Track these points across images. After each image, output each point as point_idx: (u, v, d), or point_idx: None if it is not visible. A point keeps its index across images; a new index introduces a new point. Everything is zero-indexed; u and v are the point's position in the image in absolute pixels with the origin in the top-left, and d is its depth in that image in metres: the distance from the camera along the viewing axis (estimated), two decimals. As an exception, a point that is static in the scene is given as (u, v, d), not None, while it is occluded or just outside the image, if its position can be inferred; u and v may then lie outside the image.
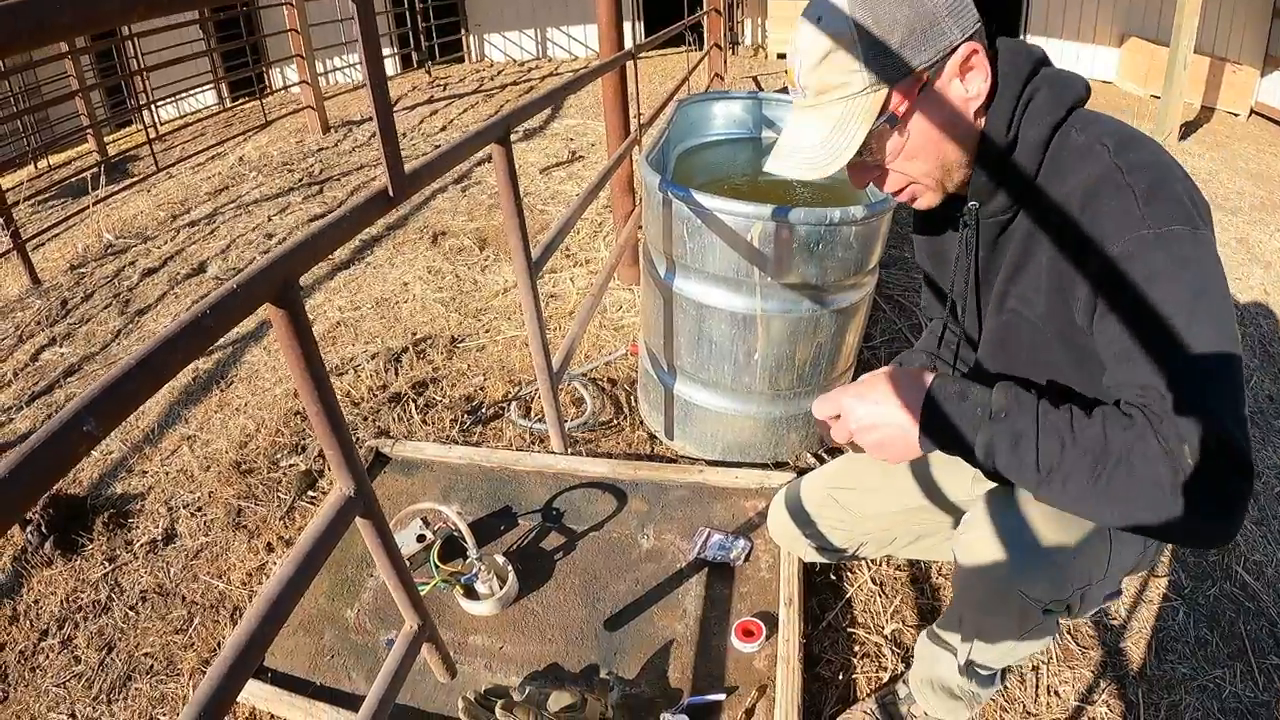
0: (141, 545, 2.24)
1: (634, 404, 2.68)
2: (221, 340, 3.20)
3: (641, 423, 2.59)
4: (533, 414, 2.68)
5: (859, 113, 1.04)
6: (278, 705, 1.70)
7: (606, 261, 2.62)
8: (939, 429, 1.03)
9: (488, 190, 4.64)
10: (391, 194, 1.08)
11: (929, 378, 1.07)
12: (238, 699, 1.72)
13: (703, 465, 2.29)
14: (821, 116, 1.07)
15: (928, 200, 1.19)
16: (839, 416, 1.15)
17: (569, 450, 2.35)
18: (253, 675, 1.73)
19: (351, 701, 1.62)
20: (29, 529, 2.23)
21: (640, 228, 2.37)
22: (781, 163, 1.13)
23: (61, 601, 2.07)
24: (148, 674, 1.88)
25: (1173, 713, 1.66)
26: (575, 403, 2.71)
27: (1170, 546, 1.57)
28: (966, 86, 1.05)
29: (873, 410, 1.09)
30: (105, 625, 2.00)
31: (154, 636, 1.96)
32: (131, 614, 2.03)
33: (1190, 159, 4.56)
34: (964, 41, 1.02)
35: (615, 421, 2.62)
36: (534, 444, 2.54)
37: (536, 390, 2.74)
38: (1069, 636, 1.83)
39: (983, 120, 1.09)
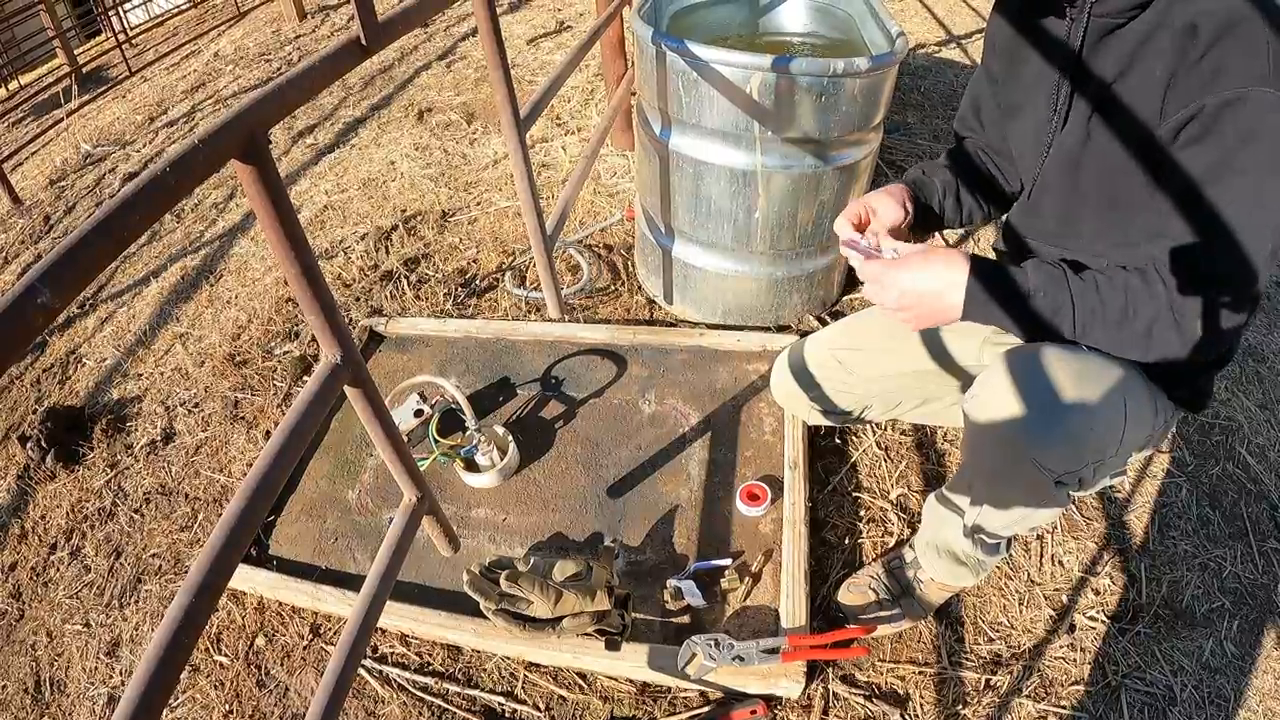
0: (141, 448, 2.21)
1: (631, 269, 2.58)
2: (207, 235, 3.13)
3: (640, 288, 2.50)
4: (528, 283, 2.59)
5: None
6: (284, 592, 1.69)
7: (599, 126, 2.47)
8: (980, 307, 1.10)
9: (473, 64, 4.43)
10: (365, 42, 0.98)
11: (967, 257, 1.11)
12: (245, 590, 1.73)
13: (703, 329, 2.21)
14: None
15: None
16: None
17: (566, 317, 2.27)
18: (258, 564, 1.73)
19: (356, 583, 1.60)
20: (29, 445, 2.20)
21: (634, 92, 2.23)
22: None
23: (67, 513, 2.06)
24: (156, 574, 1.87)
25: (1174, 589, 1.65)
26: (571, 269, 2.61)
27: (1176, 427, 1.75)
28: None
29: (918, 284, 1.12)
30: (112, 531, 1.99)
31: (160, 537, 1.95)
32: (136, 517, 2.01)
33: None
34: None
35: (613, 287, 2.53)
36: (530, 313, 2.46)
37: (531, 259, 2.65)
38: (1073, 507, 1.80)
39: None
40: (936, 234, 1.52)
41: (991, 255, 1.37)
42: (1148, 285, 1.02)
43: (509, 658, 1.59)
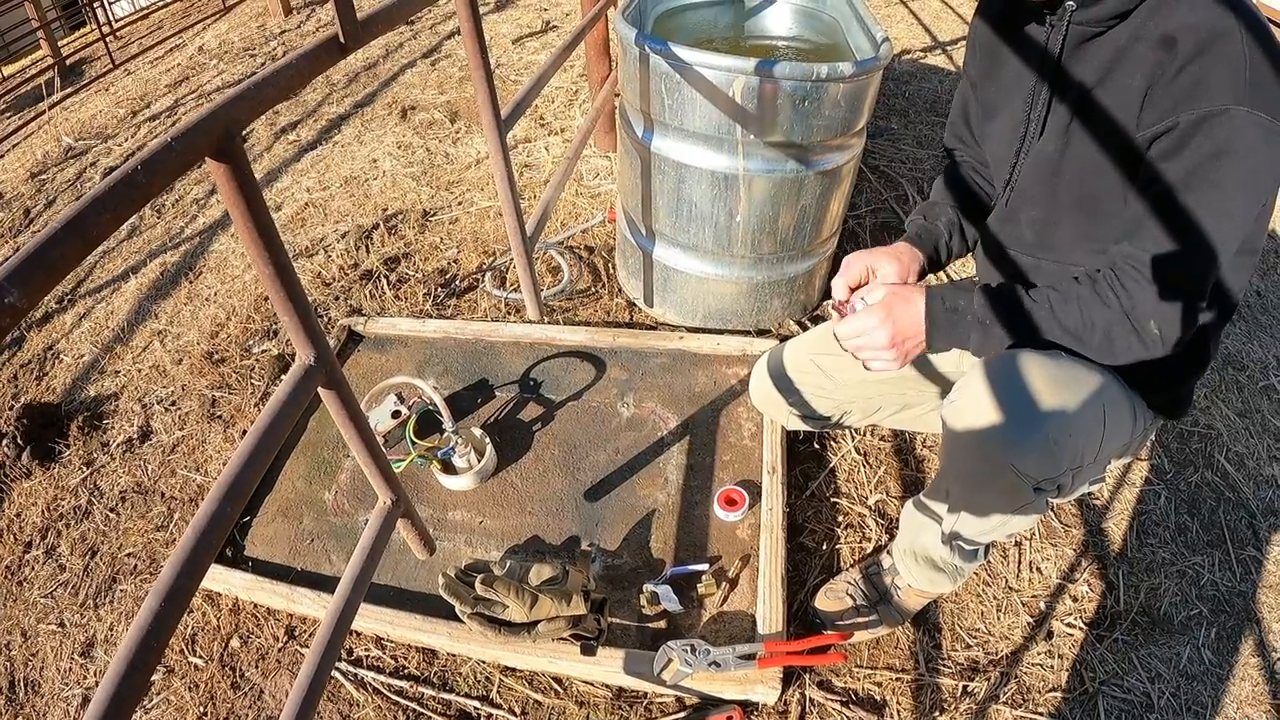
0: (118, 446, 2.18)
1: (612, 271, 2.58)
2: (188, 230, 3.10)
3: (620, 290, 2.50)
4: (508, 284, 2.58)
5: None
6: (259, 594, 1.67)
7: (582, 127, 2.47)
8: (943, 339, 1.17)
9: (458, 63, 4.41)
10: (343, 40, 0.97)
11: (922, 292, 1.18)
12: (220, 591, 1.71)
13: (683, 332, 2.21)
14: None
15: None
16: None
17: (545, 319, 2.27)
18: (233, 565, 1.72)
19: (332, 585, 1.57)
20: (4, 441, 2.17)
21: (617, 94, 2.23)
22: None
23: (43, 511, 2.03)
24: (132, 574, 1.85)
25: (1152, 595, 1.66)
26: (552, 271, 2.61)
27: (1155, 434, 1.80)
28: None
29: (897, 326, 1.18)
30: (87, 530, 1.97)
31: (135, 536, 1.93)
32: (112, 516, 1.99)
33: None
34: None
35: (593, 289, 2.52)
36: (510, 314, 2.46)
37: (511, 260, 2.64)
38: (1051, 514, 1.80)
39: None
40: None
41: (972, 270, 1.38)
42: (1099, 294, 1.06)
43: (484, 662, 1.58)
